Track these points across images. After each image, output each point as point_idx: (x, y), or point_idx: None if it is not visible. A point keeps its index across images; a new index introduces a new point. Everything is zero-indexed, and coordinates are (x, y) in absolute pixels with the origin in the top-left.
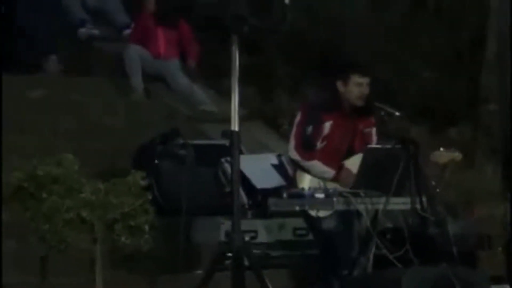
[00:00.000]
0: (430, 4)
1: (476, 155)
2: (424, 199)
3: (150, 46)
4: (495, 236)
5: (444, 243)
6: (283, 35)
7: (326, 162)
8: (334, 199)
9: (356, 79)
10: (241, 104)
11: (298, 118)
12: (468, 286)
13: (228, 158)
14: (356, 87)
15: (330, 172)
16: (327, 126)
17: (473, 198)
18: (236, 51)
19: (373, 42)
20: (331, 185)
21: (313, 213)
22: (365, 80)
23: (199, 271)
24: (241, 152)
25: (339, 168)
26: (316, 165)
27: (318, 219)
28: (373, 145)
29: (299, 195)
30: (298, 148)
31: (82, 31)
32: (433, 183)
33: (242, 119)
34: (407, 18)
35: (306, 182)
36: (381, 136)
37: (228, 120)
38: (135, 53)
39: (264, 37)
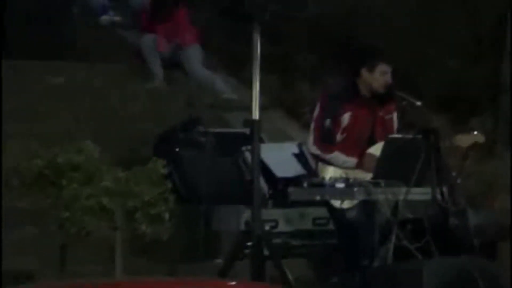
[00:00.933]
0: None
1: (497, 145)
2: (444, 189)
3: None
4: None
5: (465, 234)
6: (304, 23)
7: (347, 152)
8: (355, 189)
9: (382, 67)
10: (262, 92)
11: (316, 111)
12: (488, 277)
13: (249, 147)
14: (381, 75)
15: (352, 161)
16: (346, 117)
17: (494, 189)
18: (257, 39)
19: (394, 30)
20: (354, 174)
21: (336, 203)
22: (389, 69)
23: (219, 260)
24: (261, 141)
25: (362, 154)
26: (338, 156)
27: (341, 209)
28: (394, 135)
29: (320, 185)
30: (317, 142)
31: (105, 18)
32: (454, 173)
33: (263, 108)
34: (429, 6)
35: (329, 172)
36: (402, 126)
37: (249, 108)
38: (150, 41)
39: (285, 25)
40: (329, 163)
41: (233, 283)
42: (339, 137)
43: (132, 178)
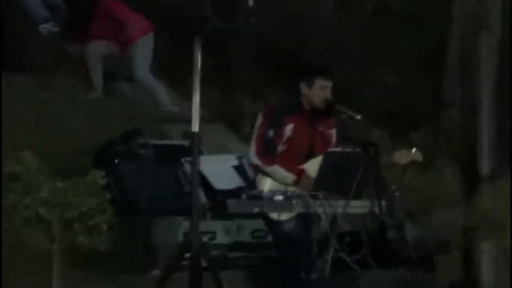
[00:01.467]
0: (395, 10)
1: (436, 159)
2: (383, 202)
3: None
4: (454, 241)
5: (402, 247)
6: (246, 37)
7: (287, 166)
8: (293, 201)
9: (320, 82)
10: (202, 105)
11: (259, 121)
12: None
13: (188, 159)
14: (320, 90)
15: (291, 177)
16: (288, 129)
17: (432, 203)
18: (198, 53)
19: (336, 45)
20: (291, 189)
21: (273, 215)
22: (329, 84)
23: (157, 271)
24: (201, 153)
25: (300, 172)
26: (277, 170)
27: (279, 221)
28: (333, 149)
29: (258, 197)
30: (259, 152)
31: (44, 26)
32: (393, 187)
33: (203, 120)
34: (372, 23)
35: (267, 185)
36: (342, 139)
37: (189, 121)
38: (94, 51)
39: (227, 39)
40: (268, 175)
41: None
42: (280, 148)
43: (71, 189)
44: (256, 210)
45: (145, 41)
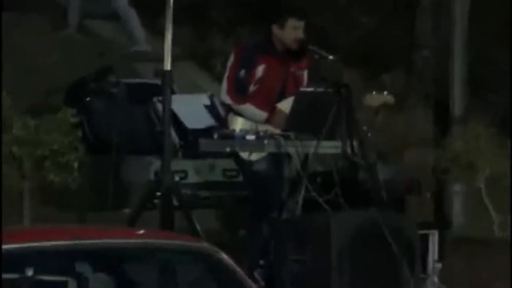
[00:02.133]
0: None
1: (408, 101)
2: (355, 143)
3: None
4: (424, 182)
5: (374, 188)
6: None
7: (259, 105)
8: (265, 141)
9: (292, 22)
10: (174, 43)
11: (231, 61)
12: (396, 231)
13: (160, 98)
14: (292, 31)
15: (262, 114)
16: (260, 69)
17: (404, 144)
18: None
19: None
20: (263, 128)
21: (244, 155)
22: (301, 24)
23: (128, 210)
24: (173, 92)
25: (272, 109)
26: (249, 108)
27: (250, 161)
28: (305, 89)
29: (230, 136)
30: (230, 91)
31: None
32: (365, 127)
33: (175, 59)
34: None
35: (238, 124)
36: (314, 79)
37: (161, 59)
38: None
39: None
40: (239, 114)
41: (141, 231)
42: (252, 88)
43: (42, 126)
44: (227, 149)
45: None
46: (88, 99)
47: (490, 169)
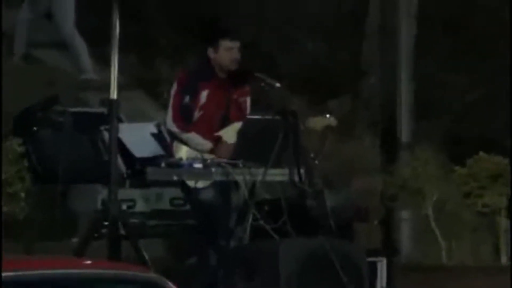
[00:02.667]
0: None
1: (355, 127)
2: (302, 170)
3: None
4: (372, 209)
5: (321, 215)
6: (165, 1)
7: (203, 133)
8: (213, 169)
9: (226, 43)
10: (121, 72)
11: (174, 88)
12: (344, 258)
13: (107, 126)
14: (226, 52)
15: (207, 144)
16: (203, 95)
17: (352, 171)
18: (116, 17)
19: (256, 11)
20: (209, 156)
21: (191, 183)
22: (235, 45)
23: (76, 239)
24: (120, 121)
25: (216, 139)
26: (194, 137)
27: (196, 189)
28: (253, 116)
29: (177, 165)
30: (176, 119)
31: None
32: (312, 154)
33: (121, 87)
34: None
35: (183, 152)
36: (261, 107)
37: (107, 88)
38: (24, 15)
39: (146, 4)
40: (184, 143)
41: (89, 261)
42: (196, 114)
43: None
44: (175, 177)
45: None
46: (35, 128)
47: (438, 195)
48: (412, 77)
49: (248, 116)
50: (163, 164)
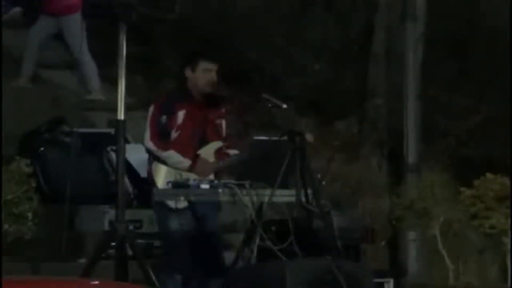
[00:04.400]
0: None
1: (362, 149)
2: (309, 191)
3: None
4: (379, 230)
5: (328, 236)
6: (172, 24)
7: (181, 152)
8: (220, 190)
9: (204, 65)
10: (128, 93)
11: (151, 110)
12: (351, 279)
13: (114, 147)
14: (203, 73)
15: (186, 162)
16: (180, 115)
17: (358, 192)
18: (123, 39)
19: (264, 34)
20: (187, 176)
21: (171, 204)
22: (213, 67)
23: (83, 260)
24: (127, 141)
25: (195, 157)
26: (173, 155)
27: (175, 210)
28: (260, 137)
29: (184, 185)
30: (153, 138)
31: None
32: (319, 176)
33: (128, 108)
34: (298, 12)
35: (162, 175)
36: (268, 128)
37: (115, 108)
38: (34, 37)
39: (152, 26)
40: (163, 162)
41: (96, 282)
42: (174, 134)
43: None
44: (182, 198)
45: (77, 18)
46: (42, 149)
47: (444, 216)
48: (419, 99)
49: (255, 137)
50: (169, 185)
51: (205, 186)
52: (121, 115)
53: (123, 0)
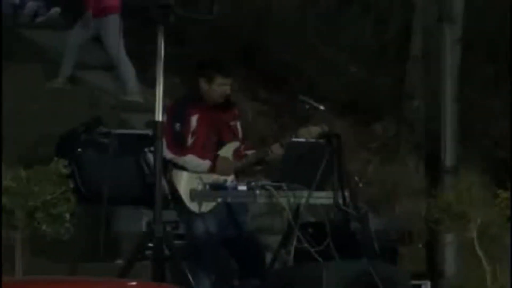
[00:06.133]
0: (357, 0)
1: (399, 150)
2: (346, 193)
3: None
4: (416, 232)
5: (366, 238)
6: (209, 25)
7: (200, 156)
8: (257, 192)
9: (220, 79)
10: (166, 94)
11: (164, 118)
12: (388, 281)
13: (151, 148)
14: (218, 87)
15: (206, 163)
16: (194, 120)
17: (396, 194)
18: (161, 41)
19: (300, 36)
20: (208, 178)
21: (194, 207)
22: (228, 81)
23: (120, 261)
24: None
25: (214, 158)
26: (191, 159)
27: (199, 214)
28: (296, 139)
29: (222, 187)
30: (170, 146)
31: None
32: (356, 178)
33: (166, 109)
34: (334, 13)
35: (183, 181)
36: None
37: (152, 110)
38: (74, 39)
39: (190, 27)
40: (183, 167)
41: (134, 283)
42: (190, 140)
43: (33, 177)
44: (219, 200)
45: (116, 20)
46: (79, 150)
47: (482, 219)
48: (456, 101)
49: (293, 139)
50: (207, 186)
51: (242, 187)
52: (159, 117)
53: (161, 2)
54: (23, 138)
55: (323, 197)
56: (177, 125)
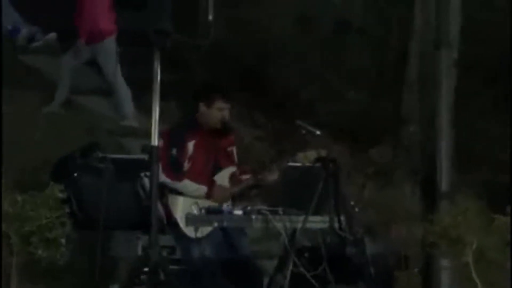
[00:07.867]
0: (355, 26)
1: (395, 175)
2: (342, 218)
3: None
4: (412, 257)
5: (362, 263)
6: (206, 50)
7: (196, 181)
8: (253, 216)
9: (219, 104)
10: (162, 119)
11: (161, 143)
12: None
13: (147, 173)
14: (217, 111)
15: (202, 188)
16: (190, 146)
17: (392, 218)
18: (157, 66)
19: (298, 61)
20: (204, 203)
21: (190, 232)
22: (227, 106)
23: (116, 286)
24: None
25: (211, 183)
26: (188, 184)
27: (195, 239)
28: (293, 163)
29: (218, 211)
30: (166, 170)
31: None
32: (352, 202)
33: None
34: (332, 38)
35: (179, 206)
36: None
37: (148, 134)
38: (68, 63)
39: (187, 53)
40: (179, 192)
41: None
42: (186, 165)
43: (29, 202)
44: (215, 224)
45: (111, 43)
46: (75, 174)
47: (478, 244)
48: (452, 126)
49: (290, 164)
50: (203, 211)
51: (238, 212)
52: (155, 141)
53: (157, 27)
54: (19, 163)
55: (319, 222)
56: (174, 150)
